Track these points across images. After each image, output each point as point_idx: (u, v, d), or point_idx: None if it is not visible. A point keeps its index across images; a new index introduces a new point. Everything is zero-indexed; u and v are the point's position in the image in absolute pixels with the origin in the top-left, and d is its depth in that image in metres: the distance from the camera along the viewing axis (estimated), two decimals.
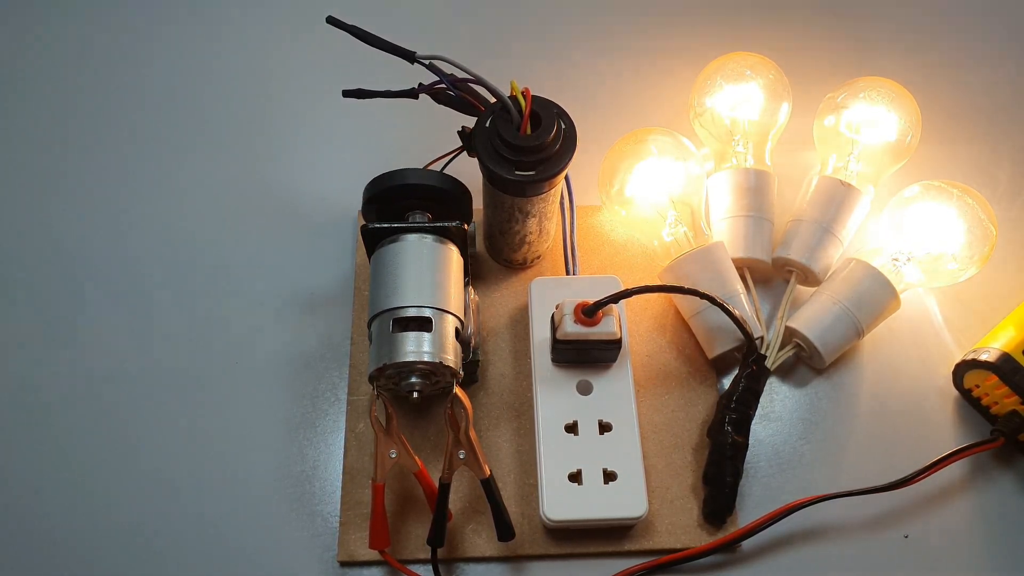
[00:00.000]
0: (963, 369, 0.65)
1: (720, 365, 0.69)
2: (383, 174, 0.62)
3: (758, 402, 0.65)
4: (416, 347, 0.58)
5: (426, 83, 0.61)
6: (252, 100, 0.81)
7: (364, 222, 0.62)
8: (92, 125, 0.79)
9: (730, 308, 0.63)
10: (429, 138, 0.67)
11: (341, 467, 0.64)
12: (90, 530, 0.63)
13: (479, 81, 0.58)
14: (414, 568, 0.60)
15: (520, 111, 0.58)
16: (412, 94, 0.60)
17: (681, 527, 0.62)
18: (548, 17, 0.86)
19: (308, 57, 0.83)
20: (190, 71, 0.82)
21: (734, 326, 0.64)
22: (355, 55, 0.75)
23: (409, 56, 0.58)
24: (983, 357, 0.63)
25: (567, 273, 0.70)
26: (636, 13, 0.86)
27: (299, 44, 0.84)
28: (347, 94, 0.60)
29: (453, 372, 0.59)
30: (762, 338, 0.67)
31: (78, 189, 0.76)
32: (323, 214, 0.74)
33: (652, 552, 0.62)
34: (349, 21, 0.59)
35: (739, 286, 0.67)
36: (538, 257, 0.71)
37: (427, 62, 0.59)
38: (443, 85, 0.60)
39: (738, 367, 0.66)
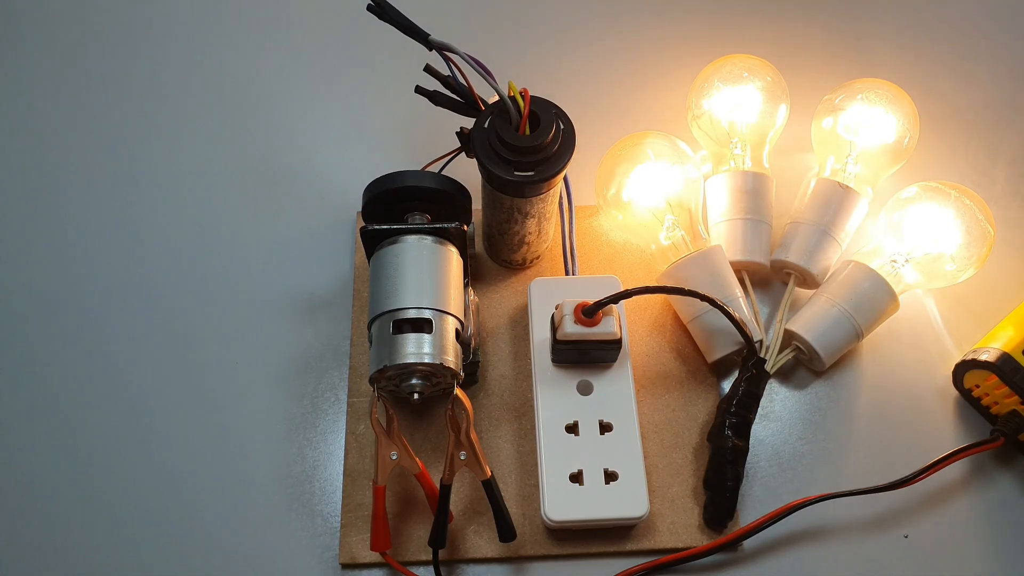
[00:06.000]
0: (963, 369, 0.66)
1: (719, 369, 0.69)
2: (382, 176, 0.62)
3: (758, 406, 0.65)
4: (416, 349, 0.58)
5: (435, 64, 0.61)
6: (251, 101, 0.81)
7: (363, 223, 0.62)
8: (91, 127, 0.79)
9: (730, 311, 0.63)
10: (428, 139, 0.67)
11: (341, 468, 0.64)
12: (90, 529, 0.63)
13: (485, 73, 0.57)
14: (415, 570, 0.60)
15: (519, 111, 0.58)
16: (424, 37, 0.58)
17: (682, 527, 0.62)
18: (546, 18, 0.86)
19: (308, 58, 0.83)
20: (190, 71, 0.82)
21: (733, 330, 0.64)
22: (355, 56, 0.76)
23: (424, 36, 0.57)
24: (983, 357, 0.63)
25: (566, 273, 0.70)
26: (634, 15, 0.86)
27: (300, 45, 0.84)
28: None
29: (454, 373, 0.59)
30: (761, 341, 0.67)
31: (78, 191, 0.76)
32: (322, 215, 0.74)
33: (653, 552, 0.62)
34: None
35: (738, 290, 0.67)
36: (537, 257, 0.72)
37: (440, 46, 0.58)
38: (448, 72, 0.61)
39: (738, 371, 0.66)
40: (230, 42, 0.84)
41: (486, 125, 0.60)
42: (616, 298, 0.61)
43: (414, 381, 0.59)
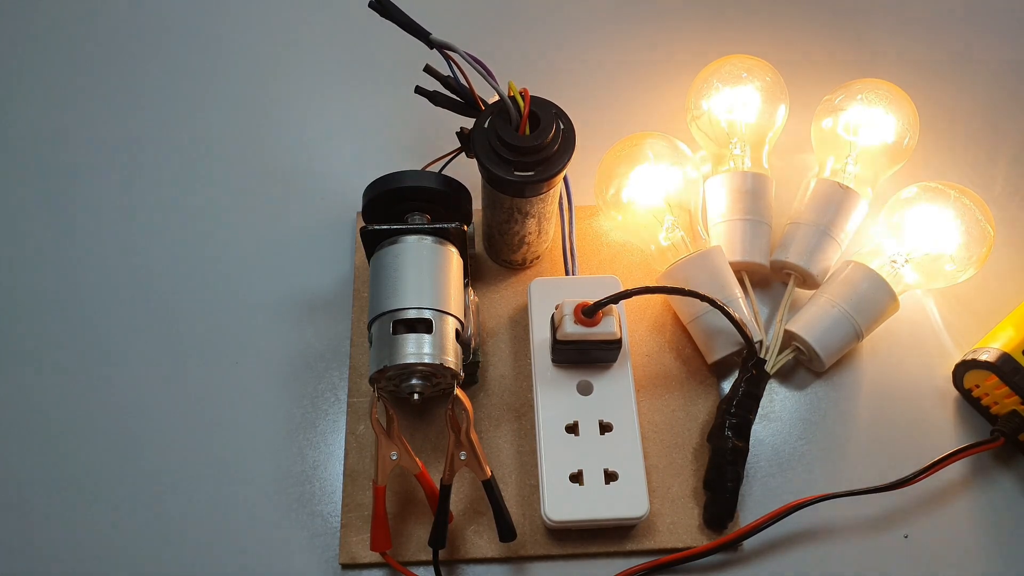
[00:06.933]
0: (963, 369, 0.66)
1: (719, 369, 0.69)
2: (382, 176, 0.62)
3: (758, 406, 0.65)
4: (416, 349, 0.58)
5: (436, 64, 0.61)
6: (251, 100, 0.81)
7: (363, 224, 0.62)
8: (91, 128, 0.79)
9: (730, 311, 0.63)
10: (428, 139, 0.67)
11: (341, 468, 0.64)
12: (90, 530, 0.63)
13: (485, 72, 0.57)
14: (415, 570, 0.60)
15: (519, 111, 0.58)
16: (425, 36, 0.58)
17: (682, 527, 0.62)
18: (547, 18, 0.86)
19: (308, 58, 0.83)
20: (190, 72, 0.82)
21: (733, 330, 0.64)
22: (356, 56, 0.75)
23: (425, 34, 0.57)
24: (983, 357, 0.63)
25: (566, 273, 0.70)
26: (633, 15, 0.86)
27: (300, 45, 0.84)
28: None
29: (454, 373, 0.59)
30: (761, 342, 0.66)
31: (78, 190, 0.76)
32: (322, 215, 0.74)
33: (653, 552, 0.62)
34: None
35: (737, 290, 0.67)
36: (537, 257, 0.72)
37: (440, 44, 0.58)
38: (449, 72, 0.61)
39: (738, 371, 0.66)
40: (230, 42, 0.84)
41: (486, 125, 0.60)
42: (616, 298, 0.61)
43: (414, 381, 0.59)
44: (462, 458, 0.59)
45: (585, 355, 0.63)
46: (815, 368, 0.68)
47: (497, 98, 0.58)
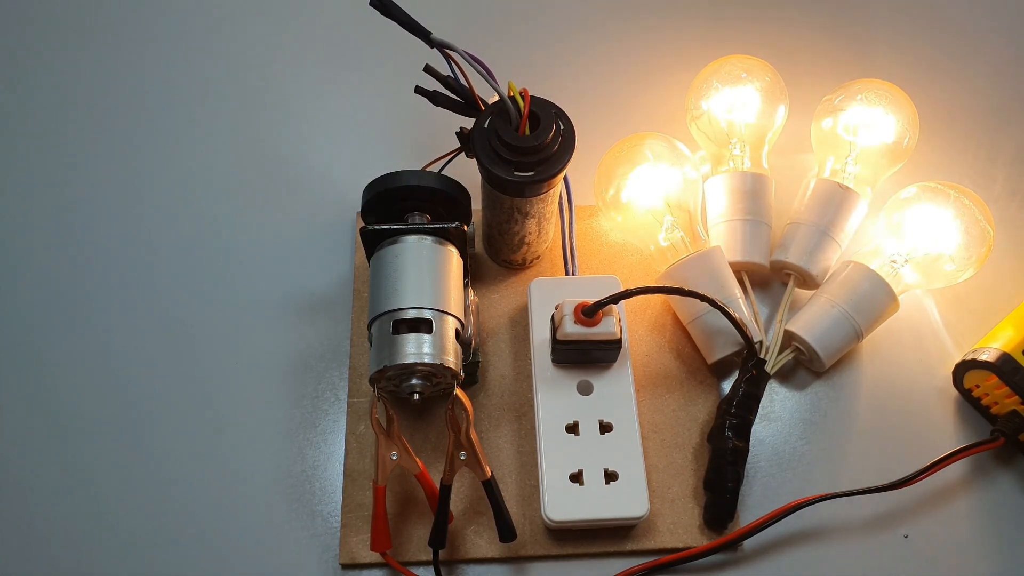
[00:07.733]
0: (963, 369, 0.66)
1: (719, 369, 0.69)
2: (382, 176, 0.62)
3: (758, 406, 0.65)
4: (416, 349, 0.58)
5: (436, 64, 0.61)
6: (251, 100, 0.81)
7: (363, 223, 0.62)
8: (92, 123, 0.79)
9: (730, 312, 0.63)
10: (428, 139, 0.67)
11: (341, 468, 0.64)
12: (89, 529, 0.63)
13: (485, 72, 0.57)
14: (415, 570, 0.60)
15: (519, 111, 0.58)
16: (426, 35, 0.58)
17: (682, 527, 0.62)
18: (547, 19, 0.86)
19: (308, 57, 0.83)
20: (190, 71, 0.82)
21: (733, 330, 0.64)
22: (356, 56, 0.75)
23: (425, 34, 0.57)
24: (983, 357, 0.63)
25: (566, 273, 0.70)
26: (633, 15, 0.86)
27: (300, 45, 0.84)
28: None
29: (454, 373, 0.59)
30: (761, 342, 0.66)
31: (78, 188, 0.76)
32: (322, 215, 0.74)
33: (653, 552, 0.62)
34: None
35: (737, 290, 0.67)
36: (537, 258, 0.71)
37: (441, 44, 0.57)
38: (449, 72, 0.61)
39: (738, 371, 0.66)
40: (230, 42, 0.84)
41: (486, 125, 0.60)
42: (616, 298, 0.61)
43: (414, 381, 0.59)
44: (462, 458, 0.59)
45: (585, 355, 0.63)
46: (815, 368, 0.68)
47: (497, 98, 0.58)
